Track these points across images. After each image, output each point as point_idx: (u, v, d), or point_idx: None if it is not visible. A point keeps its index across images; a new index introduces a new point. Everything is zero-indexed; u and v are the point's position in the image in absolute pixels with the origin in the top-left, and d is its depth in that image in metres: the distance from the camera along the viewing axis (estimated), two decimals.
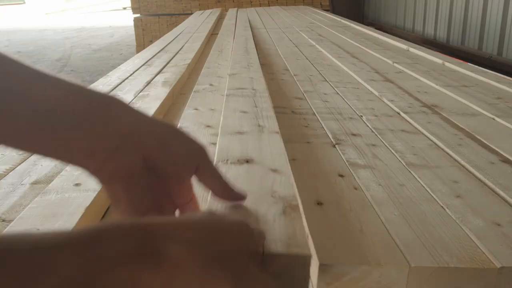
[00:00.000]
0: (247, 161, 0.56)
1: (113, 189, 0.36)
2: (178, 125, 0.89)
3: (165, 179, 0.38)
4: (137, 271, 0.25)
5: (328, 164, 0.68)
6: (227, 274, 0.28)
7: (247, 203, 0.43)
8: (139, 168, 0.36)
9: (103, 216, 0.64)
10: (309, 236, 0.47)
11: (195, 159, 0.38)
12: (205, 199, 0.44)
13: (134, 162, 0.35)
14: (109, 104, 0.35)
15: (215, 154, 0.60)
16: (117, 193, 0.36)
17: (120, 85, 1.35)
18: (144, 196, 0.37)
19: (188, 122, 0.91)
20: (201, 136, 0.83)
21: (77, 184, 0.66)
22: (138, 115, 0.36)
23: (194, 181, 0.40)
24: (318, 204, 0.55)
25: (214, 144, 0.79)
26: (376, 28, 3.43)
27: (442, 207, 0.55)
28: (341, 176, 0.64)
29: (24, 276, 0.21)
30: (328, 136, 0.82)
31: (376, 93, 1.14)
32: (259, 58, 1.72)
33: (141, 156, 0.35)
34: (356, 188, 0.60)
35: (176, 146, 0.37)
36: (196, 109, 1.01)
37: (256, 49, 1.93)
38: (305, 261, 0.36)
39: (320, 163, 0.69)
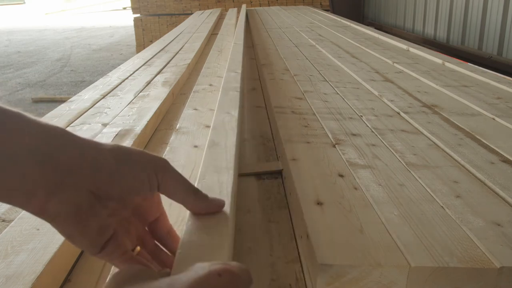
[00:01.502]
0: None
1: (62, 228, 0.33)
2: (178, 125, 0.89)
3: (124, 205, 0.37)
4: None
5: (328, 164, 0.68)
6: None
7: None
8: (87, 205, 0.33)
9: None
10: (309, 236, 0.48)
11: (152, 178, 0.35)
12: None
13: (79, 199, 0.33)
14: (50, 139, 0.33)
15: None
16: (68, 231, 0.34)
17: (120, 85, 1.35)
18: (99, 230, 0.34)
19: (187, 122, 0.91)
20: (201, 137, 0.83)
21: None
22: (82, 148, 0.34)
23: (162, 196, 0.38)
24: (318, 204, 0.55)
25: None
26: (376, 28, 3.44)
27: (442, 207, 0.55)
28: (341, 176, 0.64)
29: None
30: (328, 136, 0.82)
31: (376, 93, 1.14)
32: (259, 58, 1.72)
33: (87, 192, 0.33)
34: (356, 188, 0.60)
35: (126, 173, 0.35)
36: (196, 109, 1.01)
37: (256, 49, 1.93)
38: None
39: (320, 163, 0.69)
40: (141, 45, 5.70)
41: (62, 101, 2.35)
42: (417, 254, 0.44)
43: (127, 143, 0.84)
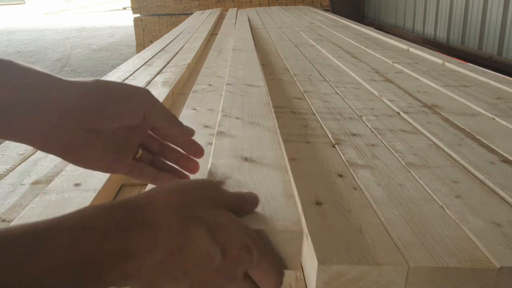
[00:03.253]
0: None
1: (67, 161, 0.39)
2: None
3: (117, 130, 0.40)
4: (124, 238, 0.28)
5: (327, 164, 0.68)
6: (199, 220, 0.31)
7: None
8: (81, 143, 0.38)
9: None
10: (308, 236, 0.47)
11: (137, 109, 0.39)
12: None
13: (73, 139, 0.37)
14: (38, 88, 0.36)
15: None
16: (72, 163, 0.39)
17: None
18: (99, 155, 0.39)
19: (186, 122, 0.90)
20: (199, 136, 0.83)
21: (77, 184, 0.66)
22: (67, 91, 0.37)
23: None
24: (317, 204, 0.55)
25: (212, 144, 0.79)
26: (376, 28, 3.43)
27: (441, 207, 0.55)
28: (341, 176, 0.64)
29: (28, 252, 0.25)
30: (328, 136, 0.82)
31: (376, 93, 1.14)
32: (259, 58, 1.72)
33: (80, 130, 0.37)
34: (355, 188, 0.60)
35: (111, 107, 0.38)
36: (195, 109, 1.01)
37: (256, 50, 1.93)
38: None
39: (320, 163, 0.69)
40: (141, 45, 5.70)
41: None
42: (416, 254, 0.44)
43: None
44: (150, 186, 0.52)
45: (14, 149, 0.90)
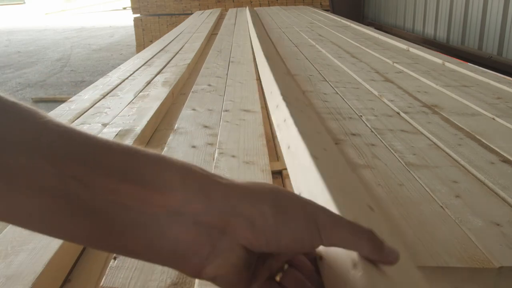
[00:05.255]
0: None
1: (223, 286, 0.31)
2: (176, 125, 0.89)
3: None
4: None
5: None
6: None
7: None
8: (242, 263, 0.30)
9: None
10: None
11: (314, 235, 0.30)
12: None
13: (235, 260, 0.30)
14: (199, 197, 0.29)
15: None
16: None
17: (120, 85, 1.35)
18: (251, 278, 0.32)
19: (186, 122, 0.91)
20: (199, 137, 0.83)
21: None
22: (235, 201, 0.30)
23: None
24: None
25: (211, 144, 0.79)
26: (376, 28, 3.43)
27: (441, 207, 0.55)
28: None
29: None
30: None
31: (376, 93, 1.14)
32: (255, 69, 1.72)
33: (241, 248, 0.30)
34: None
35: (284, 230, 0.30)
36: (194, 109, 1.01)
37: (255, 50, 1.93)
38: None
39: None
40: (141, 45, 5.70)
41: (62, 101, 2.35)
42: (416, 254, 0.44)
43: (127, 143, 0.84)
44: None
45: None
